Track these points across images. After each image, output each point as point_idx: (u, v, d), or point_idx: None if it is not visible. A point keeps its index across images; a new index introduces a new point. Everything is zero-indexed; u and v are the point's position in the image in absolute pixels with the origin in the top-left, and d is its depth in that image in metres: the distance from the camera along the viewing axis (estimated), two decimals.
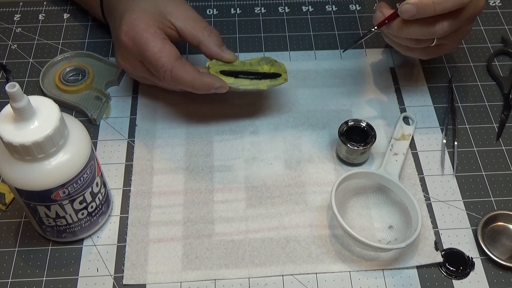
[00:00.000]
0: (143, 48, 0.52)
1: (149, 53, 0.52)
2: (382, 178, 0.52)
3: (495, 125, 0.59)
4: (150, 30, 0.52)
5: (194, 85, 0.53)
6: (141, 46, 0.52)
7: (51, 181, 0.43)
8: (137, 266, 0.49)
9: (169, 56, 0.52)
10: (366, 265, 0.49)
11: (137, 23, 0.52)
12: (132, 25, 0.52)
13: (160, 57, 0.52)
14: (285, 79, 0.55)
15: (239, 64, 0.55)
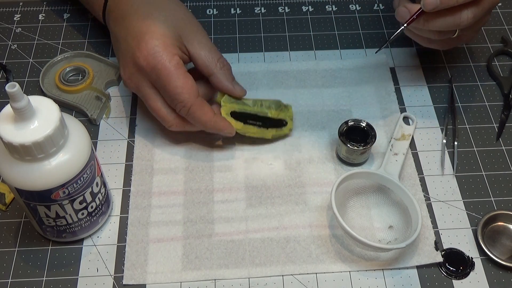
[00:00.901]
0: (165, 80, 0.50)
1: (171, 87, 0.50)
2: (382, 178, 0.52)
3: (495, 125, 0.59)
4: (173, 61, 0.51)
5: (207, 126, 0.53)
6: (163, 77, 0.50)
7: (51, 181, 0.43)
8: (137, 266, 0.49)
9: (190, 93, 0.51)
10: (366, 265, 0.49)
11: (159, 52, 0.51)
12: (154, 52, 0.51)
13: (181, 93, 0.51)
14: (289, 130, 0.57)
15: (250, 104, 0.56)
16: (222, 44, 0.65)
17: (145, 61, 0.51)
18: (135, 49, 0.51)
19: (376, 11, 0.69)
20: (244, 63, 0.63)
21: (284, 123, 0.56)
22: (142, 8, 0.54)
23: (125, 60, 0.53)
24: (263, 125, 0.56)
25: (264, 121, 0.56)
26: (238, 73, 0.62)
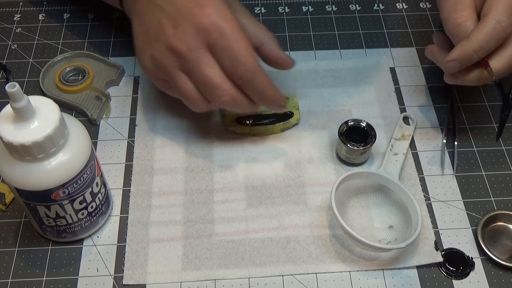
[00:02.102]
0: (231, 38, 0.46)
1: (237, 46, 0.46)
2: (382, 178, 0.52)
3: (495, 125, 0.59)
4: (237, 21, 0.47)
5: (267, 95, 0.49)
6: (229, 36, 0.46)
7: (51, 181, 0.43)
8: (137, 266, 0.49)
9: (254, 56, 0.48)
10: (366, 265, 0.49)
11: (224, 10, 0.47)
12: (219, 9, 0.47)
13: (247, 54, 0.47)
14: (297, 120, 0.57)
15: None
16: None
17: (208, 19, 0.46)
18: (194, 7, 0.47)
19: (376, 11, 0.69)
20: None
21: (290, 114, 0.57)
22: None
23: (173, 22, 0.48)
24: (270, 122, 0.56)
25: (270, 117, 0.56)
26: None
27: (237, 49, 0.47)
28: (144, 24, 0.50)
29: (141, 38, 0.50)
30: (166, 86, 0.52)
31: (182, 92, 0.49)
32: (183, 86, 0.49)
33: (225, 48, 0.47)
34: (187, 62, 0.48)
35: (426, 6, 0.70)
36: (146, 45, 0.50)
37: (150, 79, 0.53)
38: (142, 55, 0.50)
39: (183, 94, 0.50)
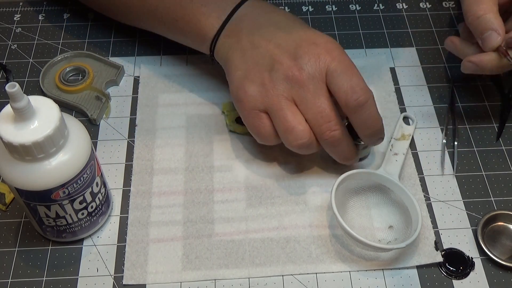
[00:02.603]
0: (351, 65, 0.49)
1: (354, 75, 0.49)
2: (382, 178, 0.52)
3: (495, 125, 0.59)
4: None
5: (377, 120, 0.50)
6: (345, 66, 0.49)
7: (51, 181, 0.43)
8: (137, 266, 0.49)
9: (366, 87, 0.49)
10: (366, 265, 0.49)
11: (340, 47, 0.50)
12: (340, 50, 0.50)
13: (360, 84, 0.48)
14: None
15: None
16: None
17: (330, 53, 0.49)
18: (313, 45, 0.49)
19: (376, 11, 0.69)
20: None
21: None
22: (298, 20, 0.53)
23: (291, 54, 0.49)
24: None
25: None
26: None
27: (355, 74, 0.48)
28: (253, 57, 0.50)
29: (245, 69, 0.50)
30: (263, 121, 0.50)
31: (289, 122, 0.48)
32: (291, 116, 0.48)
33: (344, 72, 0.48)
34: (304, 92, 0.48)
35: (426, 6, 0.70)
36: (255, 75, 0.49)
37: (244, 111, 0.50)
38: (246, 85, 0.49)
39: (289, 125, 0.48)
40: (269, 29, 0.51)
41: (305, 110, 0.48)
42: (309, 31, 0.51)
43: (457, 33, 0.67)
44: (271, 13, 0.53)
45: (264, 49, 0.50)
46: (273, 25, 0.51)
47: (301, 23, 0.53)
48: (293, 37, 0.50)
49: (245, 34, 0.51)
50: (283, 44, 0.50)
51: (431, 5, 0.70)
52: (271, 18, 0.52)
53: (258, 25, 0.52)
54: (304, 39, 0.50)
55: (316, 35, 0.50)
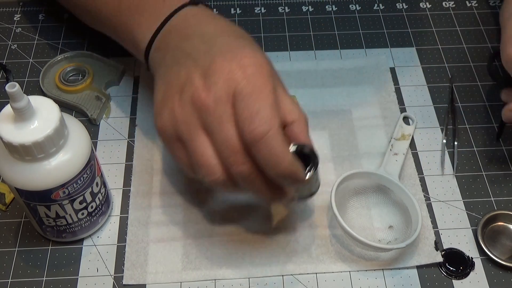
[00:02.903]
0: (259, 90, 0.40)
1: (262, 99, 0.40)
2: (382, 178, 0.52)
3: (495, 125, 0.59)
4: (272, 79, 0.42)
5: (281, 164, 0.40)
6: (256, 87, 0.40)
7: (51, 181, 0.43)
8: (137, 266, 0.49)
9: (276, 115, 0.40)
10: (366, 265, 0.49)
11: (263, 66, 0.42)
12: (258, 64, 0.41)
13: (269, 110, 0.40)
14: None
15: None
16: None
17: (242, 71, 0.41)
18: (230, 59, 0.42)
19: (376, 11, 0.69)
20: None
21: None
22: (230, 29, 0.47)
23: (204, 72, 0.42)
24: None
25: None
26: None
27: (260, 100, 0.40)
28: (170, 76, 0.44)
29: (163, 91, 0.44)
30: (179, 152, 0.44)
31: (198, 156, 0.41)
32: (200, 149, 0.41)
33: (248, 96, 0.40)
34: (211, 118, 0.41)
35: (426, 6, 0.70)
36: (168, 98, 0.43)
37: (163, 141, 0.45)
38: (160, 109, 0.44)
39: (198, 159, 0.42)
40: (193, 41, 0.45)
41: (212, 139, 0.41)
42: (234, 43, 0.44)
43: (457, 33, 0.67)
44: (202, 24, 0.47)
45: (182, 66, 0.43)
46: (199, 37, 0.45)
47: (232, 34, 0.46)
48: (213, 50, 0.43)
49: (171, 48, 0.46)
50: (201, 60, 0.43)
51: (431, 5, 0.70)
52: (200, 29, 0.46)
53: (185, 37, 0.46)
54: (222, 52, 0.42)
55: (239, 47, 0.43)
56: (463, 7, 0.70)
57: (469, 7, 0.70)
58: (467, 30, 0.67)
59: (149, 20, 0.49)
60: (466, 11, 0.69)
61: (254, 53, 0.43)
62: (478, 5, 0.70)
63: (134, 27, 0.51)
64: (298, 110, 0.44)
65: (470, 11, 0.69)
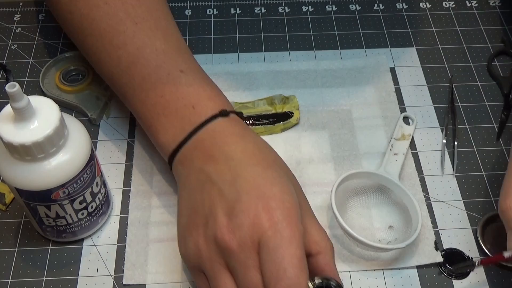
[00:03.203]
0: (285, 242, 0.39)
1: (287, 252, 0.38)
2: (382, 178, 0.52)
3: (495, 125, 0.59)
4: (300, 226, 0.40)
5: None
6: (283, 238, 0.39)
7: (51, 181, 0.43)
8: (137, 266, 0.49)
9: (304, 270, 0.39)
10: (366, 265, 0.49)
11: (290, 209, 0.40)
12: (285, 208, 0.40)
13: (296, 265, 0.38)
14: (297, 120, 0.58)
15: (252, 106, 0.57)
16: (222, 44, 0.65)
17: (269, 215, 0.39)
18: (257, 198, 0.40)
19: (376, 11, 0.69)
20: (244, 63, 0.63)
21: (290, 114, 0.57)
22: (258, 154, 0.44)
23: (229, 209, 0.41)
24: (270, 122, 0.57)
25: (271, 117, 0.57)
26: (238, 73, 0.62)
27: (287, 256, 0.38)
28: (195, 202, 0.43)
29: (187, 216, 0.44)
30: (202, 282, 0.43)
31: None
32: (222, 286, 0.40)
33: (275, 250, 0.39)
34: (234, 262, 0.40)
35: (426, 6, 0.70)
36: (193, 227, 0.43)
37: (186, 264, 0.45)
38: (185, 238, 0.43)
39: None
40: (218, 167, 0.43)
41: (237, 281, 0.40)
42: (261, 176, 0.42)
43: (457, 33, 0.67)
44: (230, 145, 0.44)
45: (207, 194, 0.42)
46: (225, 162, 0.43)
47: (260, 161, 0.44)
48: (239, 183, 0.41)
49: (196, 169, 0.44)
50: (226, 192, 0.42)
51: (431, 5, 0.70)
52: (227, 152, 0.44)
53: (210, 159, 0.44)
54: (248, 189, 0.41)
55: (266, 183, 0.41)
56: (463, 7, 0.70)
57: (469, 7, 0.70)
58: (467, 30, 0.67)
59: (176, 127, 0.47)
60: (466, 11, 0.69)
61: (282, 193, 0.41)
62: (478, 5, 0.70)
63: (158, 129, 0.48)
64: (325, 240, 0.43)
65: (470, 11, 0.69)
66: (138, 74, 0.49)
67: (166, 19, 0.53)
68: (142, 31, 0.50)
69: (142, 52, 0.49)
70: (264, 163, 0.43)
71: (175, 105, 0.47)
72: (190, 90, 0.47)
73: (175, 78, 0.48)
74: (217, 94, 0.49)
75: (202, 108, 0.46)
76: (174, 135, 0.47)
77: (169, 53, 0.50)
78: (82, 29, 0.52)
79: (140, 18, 0.50)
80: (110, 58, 0.50)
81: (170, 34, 0.52)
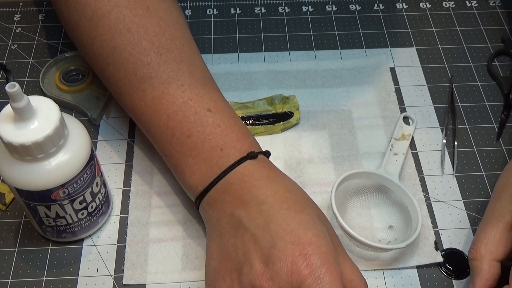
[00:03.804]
0: None
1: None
2: (382, 178, 0.52)
3: (495, 125, 0.59)
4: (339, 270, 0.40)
5: None
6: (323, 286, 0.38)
7: (51, 181, 0.43)
8: (137, 266, 0.49)
9: None
10: (366, 265, 0.49)
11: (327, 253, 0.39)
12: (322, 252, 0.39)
13: None
14: (297, 120, 0.58)
15: (252, 106, 0.57)
16: (222, 44, 0.65)
17: (307, 261, 0.39)
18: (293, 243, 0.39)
19: (376, 11, 0.69)
20: (244, 63, 0.63)
21: (290, 114, 0.57)
22: (290, 198, 0.43)
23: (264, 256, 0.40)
24: (270, 122, 0.57)
25: (271, 117, 0.57)
26: (238, 73, 0.62)
27: None
28: (227, 246, 0.42)
29: (219, 260, 0.42)
30: None
31: None
32: None
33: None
34: None
35: (426, 6, 0.70)
36: (225, 273, 0.41)
37: None
38: (216, 282, 0.42)
39: None
40: (250, 212, 0.42)
41: None
42: (294, 220, 0.41)
43: (457, 33, 0.67)
44: (260, 188, 0.43)
45: (240, 240, 0.41)
46: (256, 206, 0.42)
47: (292, 205, 0.42)
48: (272, 228, 0.40)
49: (227, 213, 0.43)
50: (259, 237, 0.40)
51: (431, 5, 0.70)
52: (258, 196, 0.43)
53: (241, 204, 0.43)
54: (282, 235, 0.40)
55: (300, 228, 0.40)
56: (463, 7, 0.70)
57: (469, 7, 0.70)
58: (467, 30, 0.67)
59: (203, 169, 0.46)
60: (466, 11, 0.69)
61: (317, 238, 0.40)
62: (478, 5, 0.70)
63: (185, 170, 0.47)
64: (359, 277, 0.42)
65: (470, 11, 0.69)
66: (163, 111, 0.47)
67: (190, 48, 0.50)
68: (167, 64, 0.48)
69: (167, 88, 0.47)
70: (296, 207, 0.42)
71: (202, 147, 0.46)
72: (218, 131, 0.46)
73: (202, 118, 0.46)
74: (245, 135, 0.47)
75: (230, 150, 0.45)
76: (201, 177, 0.45)
77: (195, 88, 0.48)
78: (103, 56, 0.50)
79: (164, 49, 0.48)
80: (134, 90, 0.48)
81: (195, 66, 0.49)
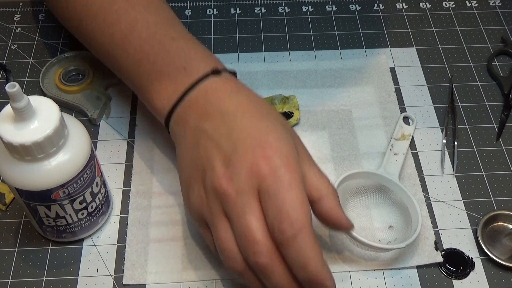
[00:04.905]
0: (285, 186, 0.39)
1: (288, 196, 0.39)
2: (382, 178, 0.52)
3: (495, 125, 0.59)
4: (299, 170, 0.40)
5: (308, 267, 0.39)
6: (284, 183, 0.39)
7: (51, 181, 0.43)
8: (137, 266, 0.49)
9: (306, 213, 0.39)
10: (366, 265, 0.49)
11: (289, 156, 0.40)
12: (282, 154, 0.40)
13: (298, 208, 0.39)
14: (297, 120, 0.57)
15: None
16: (222, 44, 0.65)
17: (267, 163, 0.40)
18: (254, 146, 0.41)
19: (376, 11, 0.69)
20: (244, 63, 0.63)
21: (290, 114, 0.57)
22: (252, 107, 0.44)
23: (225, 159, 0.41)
24: None
25: None
26: (238, 73, 0.62)
27: (289, 199, 0.39)
28: (192, 156, 0.44)
29: (187, 172, 0.44)
30: (206, 233, 0.44)
31: (219, 241, 0.41)
32: (221, 234, 0.41)
33: (276, 195, 0.39)
34: (231, 207, 0.40)
35: (426, 6, 0.70)
36: (194, 180, 0.43)
37: (193, 220, 0.45)
38: (188, 192, 0.44)
39: (219, 244, 0.41)
40: (213, 122, 0.44)
41: (233, 226, 0.41)
42: (256, 126, 0.42)
43: (457, 33, 0.67)
44: (223, 101, 0.45)
45: (203, 148, 0.43)
46: (219, 116, 0.44)
47: (254, 114, 0.44)
48: (235, 134, 0.42)
49: (191, 127, 0.45)
50: (222, 143, 0.42)
51: (431, 5, 0.70)
52: (220, 107, 0.44)
53: (205, 116, 0.44)
54: (244, 138, 0.41)
55: (261, 132, 0.42)
56: (463, 7, 0.70)
57: (469, 7, 0.70)
58: (467, 30, 0.67)
59: (169, 90, 0.47)
60: (466, 11, 0.69)
61: (278, 140, 0.41)
62: (478, 5, 0.70)
63: (153, 95, 0.49)
64: (326, 185, 0.43)
65: (470, 11, 0.69)
66: (131, 46, 0.50)
67: None
68: (134, 8, 0.51)
69: (134, 26, 0.50)
70: (258, 115, 0.44)
71: (167, 70, 0.48)
72: (181, 54, 0.48)
73: (165, 45, 0.49)
74: (208, 56, 0.49)
75: (193, 69, 0.47)
76: (168, 98, 0.47)
77: (160, 24, 0.51)
78: (76, 13, 0.53)
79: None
80: (104, 36, 0.52)
81: (162, 8, 0.52)
